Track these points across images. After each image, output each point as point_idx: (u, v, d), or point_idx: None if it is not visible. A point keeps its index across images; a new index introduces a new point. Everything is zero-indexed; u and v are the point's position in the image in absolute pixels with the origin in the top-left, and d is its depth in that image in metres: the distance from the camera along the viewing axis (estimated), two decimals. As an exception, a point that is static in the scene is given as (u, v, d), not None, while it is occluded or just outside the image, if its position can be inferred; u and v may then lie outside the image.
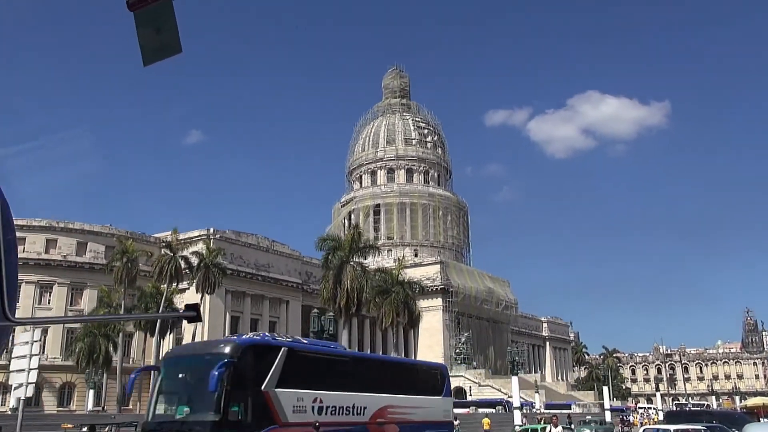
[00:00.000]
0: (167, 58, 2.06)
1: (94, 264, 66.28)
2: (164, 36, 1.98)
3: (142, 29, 1.98)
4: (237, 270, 71.72)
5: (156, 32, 1.96)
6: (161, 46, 2.01)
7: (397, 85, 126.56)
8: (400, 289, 52.99)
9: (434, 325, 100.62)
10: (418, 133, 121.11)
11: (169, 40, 2.01)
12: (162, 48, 2.02)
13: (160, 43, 2.00)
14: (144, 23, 1.97)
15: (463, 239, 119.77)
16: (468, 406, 71.39)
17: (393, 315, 52.06)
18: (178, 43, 2.00)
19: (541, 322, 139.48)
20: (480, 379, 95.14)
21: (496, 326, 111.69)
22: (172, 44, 2.02)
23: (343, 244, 45.53)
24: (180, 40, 1.99)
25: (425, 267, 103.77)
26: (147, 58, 2.03)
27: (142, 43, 2.01)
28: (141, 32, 1.98)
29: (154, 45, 2.02)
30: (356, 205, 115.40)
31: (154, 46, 2.02)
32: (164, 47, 2.01)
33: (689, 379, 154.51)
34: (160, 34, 1.97)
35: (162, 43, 2.00)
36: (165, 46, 2.01)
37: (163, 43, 2.00)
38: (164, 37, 1.99)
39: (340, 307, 45.11)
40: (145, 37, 1.98)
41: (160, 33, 1.97)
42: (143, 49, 2.02)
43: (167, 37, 2.00)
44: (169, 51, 2.03)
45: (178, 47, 2.00)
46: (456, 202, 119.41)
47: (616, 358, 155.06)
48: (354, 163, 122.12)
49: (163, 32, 1.97)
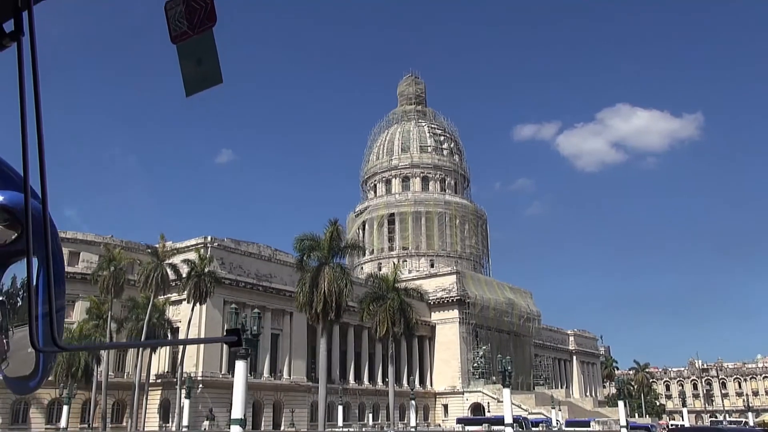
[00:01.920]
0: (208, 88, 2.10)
1: (86, 274, 63.67)
2: (205, 67, 2.06)
3: (185, 61, 2.08)
4: (236, 280, 68.58)
5: (197, 64, 2.06)
6: (203, 77, 2.08)
7: (412, 91, 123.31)
8: (394, 296, 49.08)
9: (450, 338, 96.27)
10: (433, 140, 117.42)
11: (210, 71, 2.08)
12: (204, 79, 2.08)
13: (202, 74, 2.08)
14: (186, 55, 2.07)
15: (482, 249, 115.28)
16: (480, 423, 66.98)
17: (388, 324, 48.16)
18: (219, 74, 2.08)
19: (568, 335, 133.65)
20: (499, 394, 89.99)
21: (517, 339, 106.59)
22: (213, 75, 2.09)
23: (321, 244, 41.93)
24: (221, 71, 2.07)
25: (440, 278, 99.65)
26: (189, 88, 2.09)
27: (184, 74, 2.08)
28: (183, 64, 2.08)
29: (196, 76, 2.09)
30: (370, 215, 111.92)
31: (196, 77, 2.09)
32: (206, 78, 2.08)
33: (727, 395, 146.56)
34: (202, 65, 2.06)
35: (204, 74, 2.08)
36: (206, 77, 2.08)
37: (205, 74, 2.08)
38: (205, 68, 2.07)
39: (317, 313, 41.45)
40: (188, 68, 2.08)
41: (202, 64, 2.06)
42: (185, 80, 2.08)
43: (208, 68, 2.07)
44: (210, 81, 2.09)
45: (219, 78, 2.08)
46: (474, 210, 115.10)
47: (648, 374, 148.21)
48: (368, 171, 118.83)
49: (204, 63, 2.06)
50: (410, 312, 50.05)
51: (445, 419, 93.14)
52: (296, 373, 73.62)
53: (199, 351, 64.84)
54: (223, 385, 66.03)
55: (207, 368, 64.89)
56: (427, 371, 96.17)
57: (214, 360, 66.26)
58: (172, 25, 2.05)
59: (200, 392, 63.84)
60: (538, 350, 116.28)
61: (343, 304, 41.32)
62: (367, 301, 51.01)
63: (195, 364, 64.40)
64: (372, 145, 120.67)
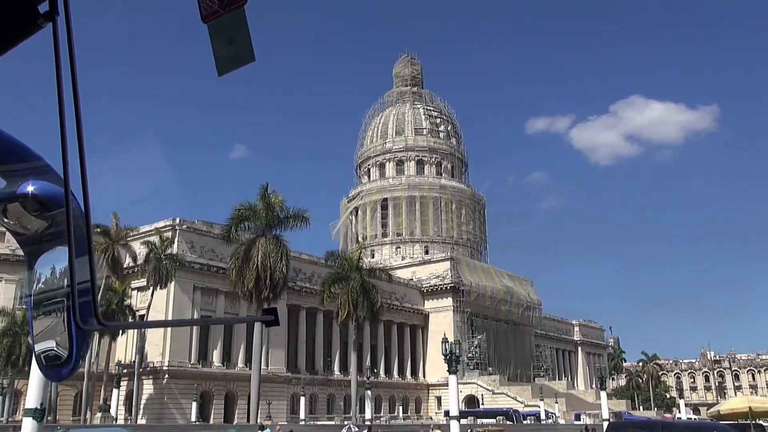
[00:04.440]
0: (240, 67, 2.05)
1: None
2: (237, 46, 2.00)
3: (216, 40, 2.01)
4: (207, 264, 64.64)
5: (229, 42, 1.99)
6: (235, 55, 2.02)
7: (408, 73, 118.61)
8: (357, 276, 44.82)
9: (444, 327, 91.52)
10: (429, 122, 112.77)
11: (242, 50, 2.02)
12: (236, 58, 2.02)
13: (234, 53, 2.02)
14: (217, 34, 2.00)
15: (480, 235, 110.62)
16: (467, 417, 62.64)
17: (349, 307, 44.01)
18: (251, 53, 2.03)
19: (572, 325, 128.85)
20: (494, 386, 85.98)
21: (516, 329, 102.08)
22: (245, 54, 2.03)
23: (258, 214, 37.71)
24: (253, 49, 2.01)
25: (434, 264, 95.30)
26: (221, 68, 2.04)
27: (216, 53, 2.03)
28: (215, 43, 2.01)
29: (228, 55, 2.03)
30: (363, 200, 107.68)
31: (228, 56, 2.03)
32: (237, 57, 2.02)
33: (740, 387, 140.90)
34: (233, 44, 1.99)
35: (236, 53, 2.01)
36: (238, 56, 2.02)
37: (237, 52, 2.01)
38: (237, 46, 2.00)
39: (249, 291, 37.41)
40: (219, 47, 2.01)
41: (233, 43, 1.99)
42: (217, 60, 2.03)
43: (240, 46, 2.00)
44: (242, 60, 2.03)
45: (251, 56, 2.03)
46: (471, 195, 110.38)
47: (657, 365, 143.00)
48: (362, 155, 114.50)
49: (236, 42, 1.99)
50: (375, 294, 45.79)
51: (438, 412, 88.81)
52: (275, 364, 69.68)
53: (166, 339, 61.13)
54: (193, 376, 62.37)
55: (174, 357, 61.11)
56: (420, 362, 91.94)
57: (183, 349, 62.47)
58: (203, 3, 1.95)
59: (166, 383, 60.18)
60: (540, 341, 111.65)
61: (279, 280, 37.18)
62: (329, 282, 46.87)
63: (161, 353, 60.68)
64: (366, 128, 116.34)
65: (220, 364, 65.39)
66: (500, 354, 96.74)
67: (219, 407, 64.13)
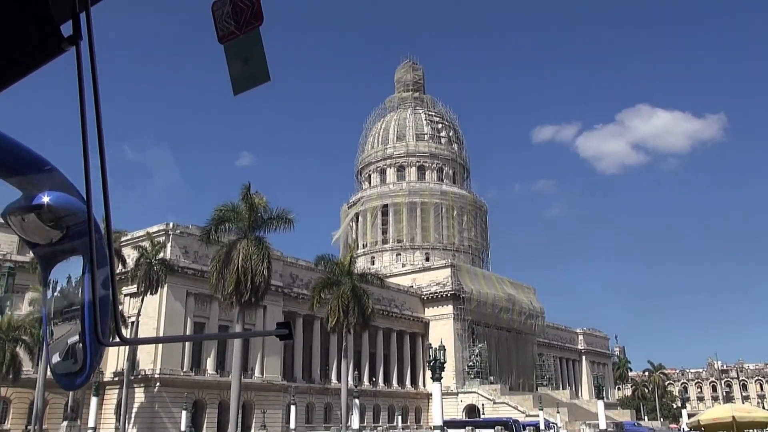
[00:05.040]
0: (256, 86, 2.14)
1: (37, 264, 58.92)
2: (253, 66, 2.10)
3: (232, 60, 2.11)
4: (200, 270, 63.26)
5: (245, 62, 2.09)
6: (250, 75, 2.12)
7: (410, 78, 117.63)
8: (347, 281, 43.48)
9: (444, 336, 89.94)
10: (431, 127, 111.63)
11: (257, 70, 2.12)
12: (251, 77, 2.12)
13: (249, 72, 2.12)
14: (233, 54, 2.10)
15: (482, 242, 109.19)
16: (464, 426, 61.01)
17: (339, 313, 42.67)
18: (266, 72, 2.12)
19: (576, 334, 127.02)
20: (495, 395, 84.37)
21: (519, 337, 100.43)
22: (260, 73, 2.13)
23: (241, 215, 36.42)
24: (268, 69, 2.10)
25: (434, 271, 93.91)
26: (237, 87, 2.13)
27: (232, 73, 2.13)
28: (231, 63, 2.11)
29: (244, 75, 2.13)
30: (363, 206, 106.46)
31: (244, 76, 2.13)
32: (253, 77, 2.12)
33: (748, 397, 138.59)
34: (249, 64, 2.10)
35: (251, 73, 2.11)
36: (254, 76, 2.12)
37: (252, 72, 2.11)
38: (253, 66, 2.10)
39: (229, 294, 36.15)
40: (235, 67, 2.11)
41: (249, 63, 2.09)
42: (233, 80, 2.13)
43: (256, 66, 2.10)
44: (257, 80, 2.13)
45: (266, 76, 2.12)
46: (473, 201, 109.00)
47: (663, 375, 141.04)
48: (363, 161, 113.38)
49: (252, 62, 2.10)
50: (366, 300, 44.41)
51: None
52: (270, 372, 68.34)
53: (158, 346, 59.82)
54: (185, 384, 61.04)
55: (166, 365, 59.82)
56: (420, 370, 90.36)
57: (175, 357, 61.19)
58: (220, 25, 2.04)
59: (157, 391, 58.88)
60: (543, 349, 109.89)
61: (260, 283, 35.88)
62: (319, 287, 45.57)
63: (153, 361, 59.41)
64: (367, 134, 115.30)
65: (213, 372, 64.08)
66: (502, 363, 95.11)
67: (212, 416, 62.76)
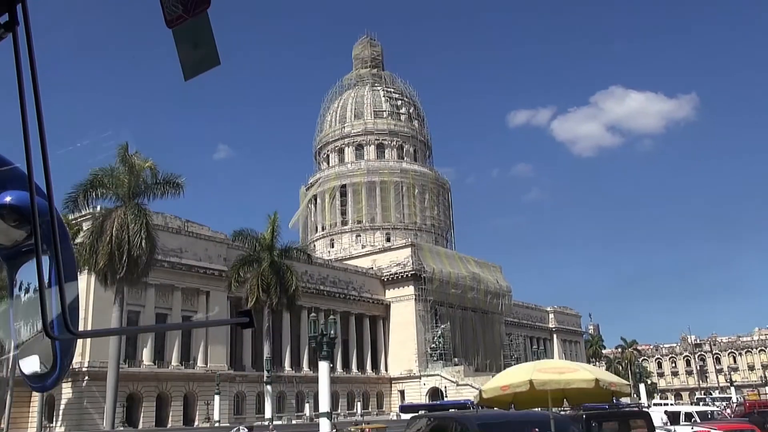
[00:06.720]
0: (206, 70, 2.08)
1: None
2: (202, 50, 2.04)
3: (181, 45, 2.04)
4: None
5: (194, 47, 2.03)
6: (200, 60, 2.06)
7: (368, 54, 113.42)
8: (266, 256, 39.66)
9: (406, 318, 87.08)
10: (389, 104, 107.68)
11: (207, 54, 2.05)
12: (201, 62, 2.06)
13: (199, 57, 2.05)
14: (182, 39, 2.03)
15: (445, 220, 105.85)
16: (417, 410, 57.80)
17: (258, 292, 38.98)
18: (216, 56, 2.05)
19: (547, 312, 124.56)
20: (458, 377, 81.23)
21: (485, 317, 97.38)
22: (210, 57, 2.06)
23: (119, 179, 32.27)
24: (218, 52, 2.04)
25: (395, 251, 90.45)
26: (187, 72, 2.08)
27: (181, 58, 2.06)
28: (180, 48, 2.05)
29: (194, 59, 2.06)
30: (321, 188, 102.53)
31: (194, 61, 2.06)
32: (203, 61, 2.06)
33: (721, 370, 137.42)
34: (198, 48, 2.03)
35: (201, 57, 2.05)
36: (204, 60, 2.05)
37: (202, 57, 2.05)
38: (202, 51, 2.04)
39: (102, 270, 32.23)
40: (185, 52, 2.05)
41: (198, 47, 2.03)
42: (183, 64, 2.07)
43: (205, 50, 2.04)
44: (207, 64, 2.07)
45: (216, 60, 2.06)
46: (435, 179, 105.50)
47: (637, 351, 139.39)
48: (320, 141, 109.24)
49: (201, 46, 2.03)
50: (289, 276, 40.71)
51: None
52: (214, 361, 64.48)
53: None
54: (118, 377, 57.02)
55: (96, 357, 55.63)
56: (381, 355, 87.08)
57: (107, 348, 56.92)
58: (167, 9, 1.97)
59: (86, 385, 54.81)
60: (512, 329, 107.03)
61: (137, 256, 31.91)
62: (237, 265, 41.76)
63: (80, 353, 55.25)
64: (325, 113, 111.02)
65: (150, 363, 60.08)
66: (468, 344, 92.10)
67: (150, 410, 58.84)
